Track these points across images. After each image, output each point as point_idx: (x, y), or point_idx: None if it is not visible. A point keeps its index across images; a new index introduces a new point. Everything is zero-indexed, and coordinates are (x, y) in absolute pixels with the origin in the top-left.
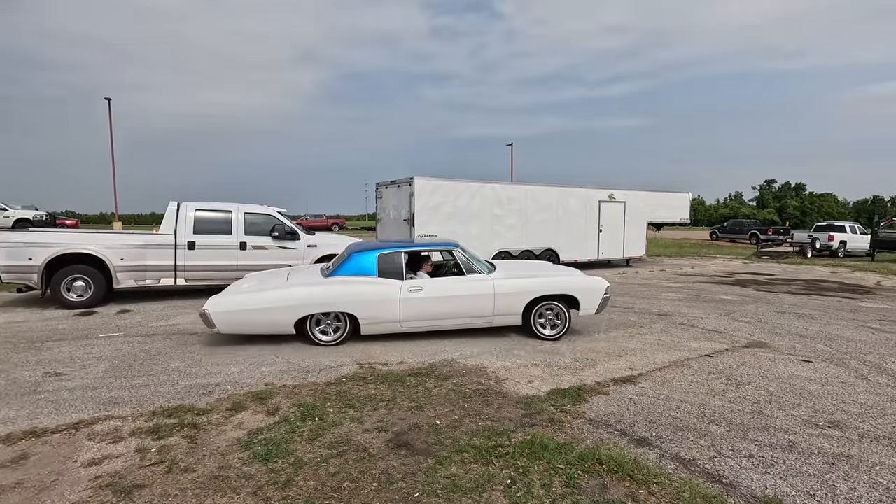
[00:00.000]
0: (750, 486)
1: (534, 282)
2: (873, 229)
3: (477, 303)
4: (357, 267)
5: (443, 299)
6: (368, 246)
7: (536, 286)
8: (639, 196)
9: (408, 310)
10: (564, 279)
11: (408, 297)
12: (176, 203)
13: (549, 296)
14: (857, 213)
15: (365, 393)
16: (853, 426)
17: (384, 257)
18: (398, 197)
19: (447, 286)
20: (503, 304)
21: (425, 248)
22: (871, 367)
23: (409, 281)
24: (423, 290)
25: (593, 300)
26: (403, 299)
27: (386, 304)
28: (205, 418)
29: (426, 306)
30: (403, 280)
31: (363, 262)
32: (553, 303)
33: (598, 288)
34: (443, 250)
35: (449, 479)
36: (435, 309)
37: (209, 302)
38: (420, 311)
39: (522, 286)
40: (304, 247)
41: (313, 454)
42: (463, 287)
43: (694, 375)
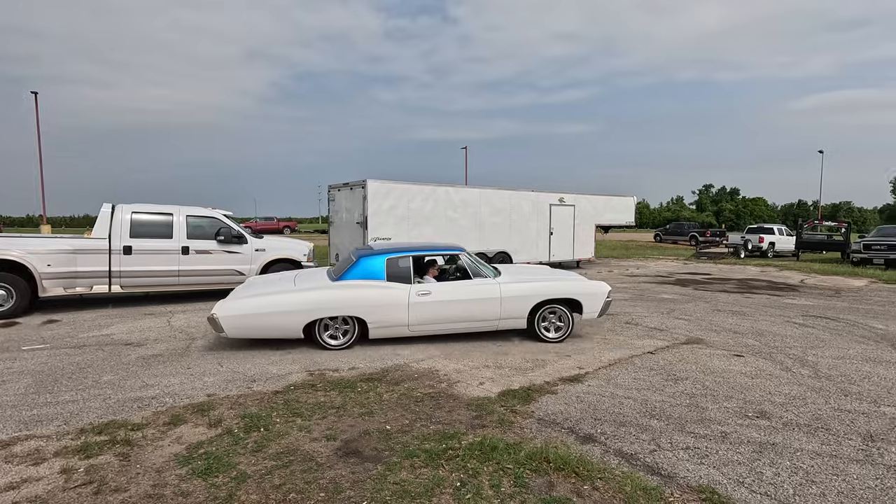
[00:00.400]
0: (686, 477)
1: (539, 286)
2: (798, 231)
3: (484, 307)
4: (366, 271)
5: (451, 303)
6: (376, 250)
7: (542, 290)
8: (587, 199)
9: (416, 314)
10: (568, 283)
11: (416, 300)
12: (110, 205)
13: (554, 300)
14: (784, 217)
15: (314, 401)
16: (778, 415)
17: (392, 261)
18: (351, 200)
19: (455, 290)
20: (509, 307)
21: (433, 253)
22: (794, 360)
23: (417, 285)
24: (431, 293)
25: (596, 304)
26: (412, 303)
27: (395, 307)
28: (139, 434)
29: (434, 310)
30: (412, 284)
31: (372, 266)
32: (556, 306)
33: (600, 292)
34: (450, 254)
35: (398, 485)
36: (443, 313)
37: (217, 306)
38: (428, 315)
39: (528, 290)
40: (251, 251)
41: (257, 466)
42: (470, 291)
43: (637, 372)
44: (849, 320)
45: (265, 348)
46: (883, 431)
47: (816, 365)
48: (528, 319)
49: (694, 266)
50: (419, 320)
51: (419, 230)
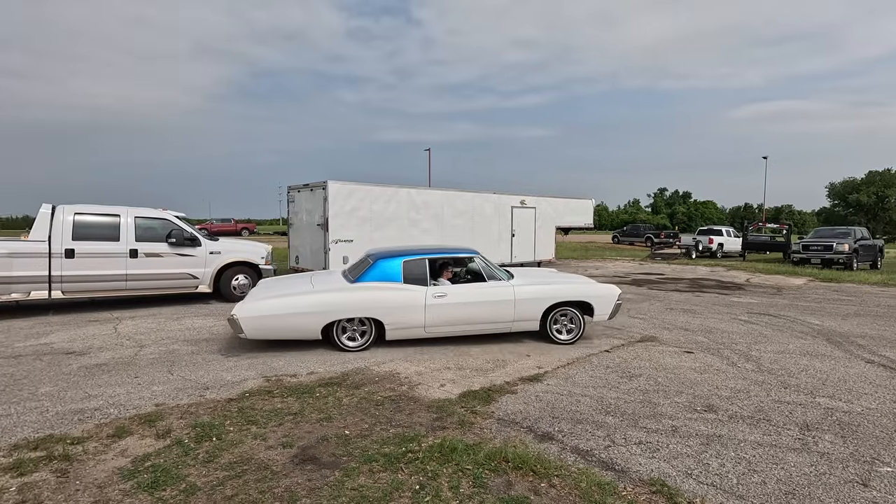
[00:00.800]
0: (638, 471)
1: (552, 288)
2: (744, 233)
3: (499, 309)
4: (382, 273)
5: (466, 305)
6: (392, 252)
7: (555, 293)
8: (548, 202)
9: (433, 315)
10: (580, 286)
11: (433, 302)
12: (50, 206)
13: (566, 302)
14: (732, 219)
15: (270, 407)
16: (724, 408)
17: (409, 264)
18: (312, 201)
19: (471, 292)
20: (523, 309)
21: (448, 255)
22: (739, 355)
23: (433, 287)
24: (447, 296)
25: (607, 306)
26: (428, 305)
27: (411, 309)
28: (80, 448)
29: (450, 312)
30: (428, 286)
31: (388, 269)
32: (568, 309)
33: (611, 295)
34: (465, 257)
35: (356, 491)
36: (459, 314)
37: (237, 307)
38: (444, 317)
39: (542, 293)
40: (205, 254)
41: (208, 478)
42: (485, 293)
43: (594, 370)
44: (789, 317)
45: (220, 354)
46: (818, 421)
47: (759, 359)
48: (541, 321)
49: (649, 266)
50: (435, 322)
51: (382, 232)
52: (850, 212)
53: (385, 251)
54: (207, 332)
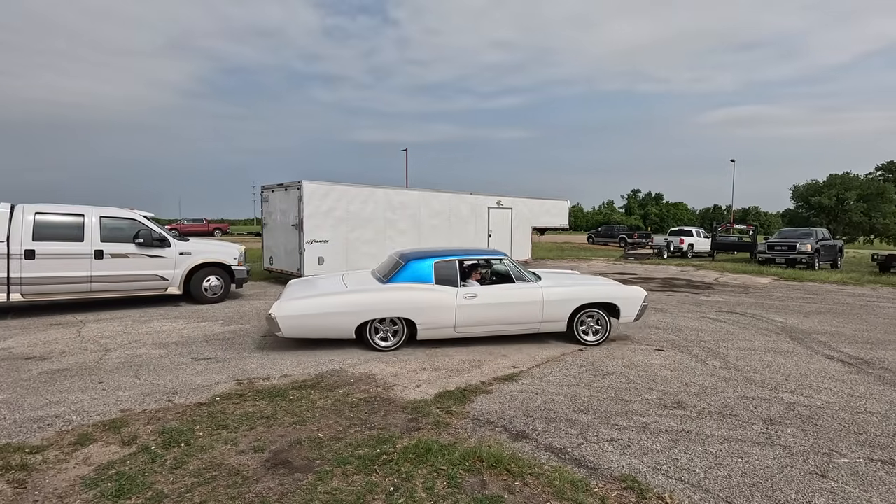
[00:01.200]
0: (610, 468)
1: (580, 290)
2: (713, 234)
3: (527, 310)
4: (414, 274)
5: (496, 306)
6: (423, 253)
7: (582, 294)
8: (524, 203)
9: (463, 316)
10: (607, 288)
11: (463, 303)
12: (8, 205)
13: (593, 304)
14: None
15: (242, 411)
16: (693, 405)
17: (440, 265)
18: (286, 201)
19: (500, 293)
20: (551, 311)
21: (477, 257)
22: (708, 353)
23: (464, 288)
24: (477, 296)
25: (633, 308)
26: (459, 305)
27: (443, 310)
28: (39, 457)
29: (481, 313)
30: (458, 287)
31: (420, 270)
32: (595, 310)
33: (637, 297)
34: (494, 258)
35: (329, 494)
36: (489, 315)
37: (275, 306)
38: (475, 318)
39: (569, 294)
40: (175, 254)
41: (176, 485)
42: (515, 295)
43: (568, 369)
44: (755, 315)
45: (189, 358)
46: (780, 415)
47: (727, 356)
48: (568, 322)
49: (623, 266)
50: (466, 322)
51: (358, 232)
52: (812, 213)
53: (416, 252)
54: (177, 335)
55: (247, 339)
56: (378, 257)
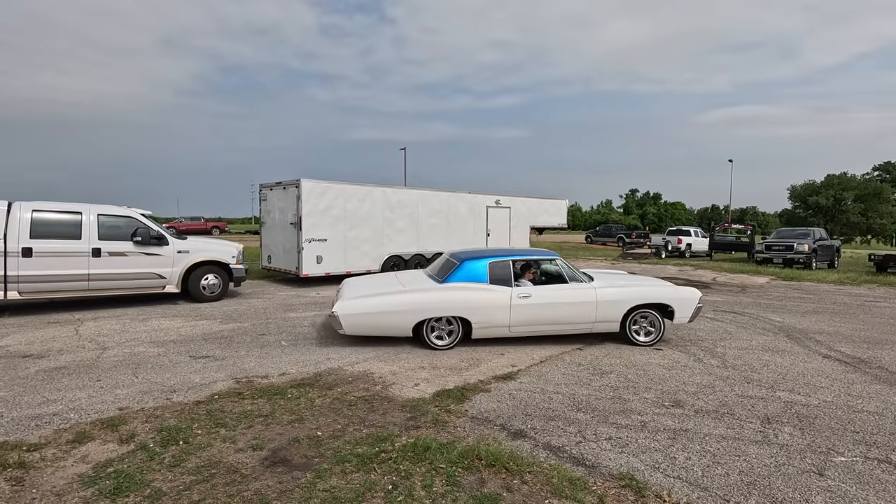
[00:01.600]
0: (608, 466)
1: (633, 291)
2: (710, 234)
3: (580, 310)
4: (469, 274)
5: (549, 306)
6: (478, 254)
7: (636, 295)
8: (523, 202)
9: (517, 315)
10: (661, 289)
11: (517, 303)
12: (6, 202)
13: (646, 305)
14: (700, 220)
15: (240, 409)
16: (691, 403)
17: (494, 265)
18: (285, 200)
19: (554, 293)
20: (604, 311)
21: (530, 257)
22: (705, 352)
23: (518, 287)
24: (531, 296)
25: (687, 309)
26: (514, 305)
27: (497, 309)
28: (37, 455)
29: (534, 312)
30: (512, 287)
31: (475, 270)
32: (648, 311)
33: (692, 298)
34: (547, 259)
35: (328, 492)
36: (542, 315)
37: (337, 305)
38: (528, 317)
39: (623, 295)
40: (173, 253)
41: (174, 482)
42: (568, 295)
43: (566, 368)
44: (752, 314)
45: (188, 356)
46: (778, 414)
47: (724, 356)
48: (621, 323)
49: (620, 266)
50: (520, 322)
51: (356, 231)
52: (809, 213)
53: (470, 253)
54: (175, 334)
55: (245, 338)
56: (376, 256)
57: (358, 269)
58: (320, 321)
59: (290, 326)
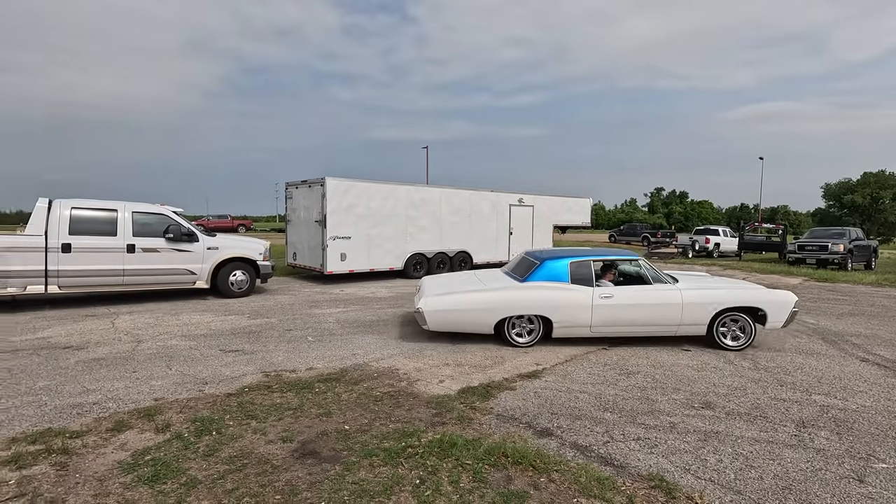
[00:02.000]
0: (637, 466)
1: (722, 293)
2: (740, 233)
3: (665, 312)
4: (550, 273)
5: (632, 307)
6: (558, 253)
7: (725, 298)
8: (545, 200)
9: (599, 315)
10: (753, 292)
11: (599, 303)
12: (47, 200)
13: (736, 308)
14: (728, 219)
15: (269, 402)
16: (721, 405)
17: (576, 265)
18: (309, 198)
19: (637, 294)
20: (690, 314)
21: (611, 258)
22: (736, 354)
23: (599, 288)
24: (613, 297)
25: (781, 314)
26: (595, 305)
27: (578, 309)
28: (79, 441)
29: (617, 313)
30: (594, 287)
31: (556, 269)
32: (738, 315)
33: (786, 302)
34: (629, 259)
35: (357, 485)
36: (624, 316)
37: (422, 301)
38: (610, 318)
39: (711, 297)
40: (203, 249)
41: (209, 471)
42: (652, 296)
43: (592, 367)
44: None
45: (218, 350)
46: (813, 418)
47: (755, 358)
48: (708, 327)
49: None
50: (601, 322)
51: (379, 229)
52: (844, 213)
53: (549, 252)
54: (205, 328)
55: (272, 333)
56: (399, 254)
57: (381, 267)
58: (345, 317)
59: (315, 322)
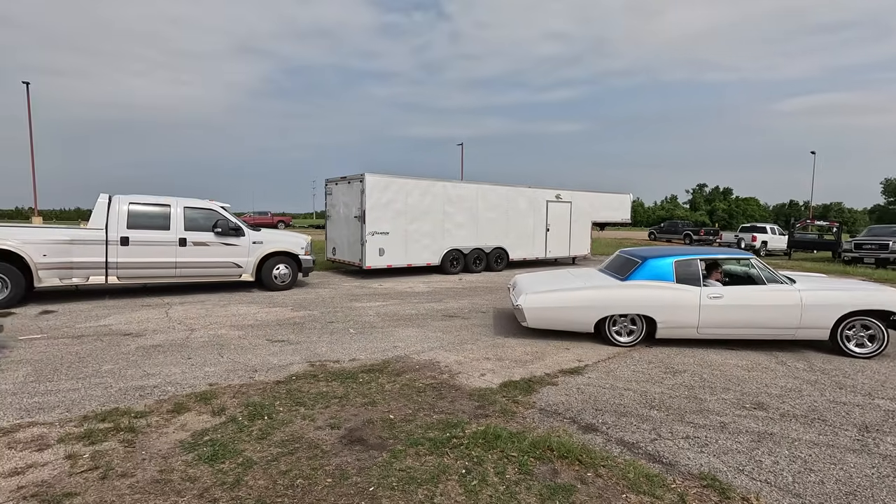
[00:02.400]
0: (687, 465)
1: (849, 295)
2: (790, 231)
3: (781, 314)
4: (653, 272)
5: (745, 308)
6: (660, 252)
7: (851, 300)
8: (584, 197)
9: (708, 316)
10: (883, 294)
11: (707, 303)
12: (107, 196)
13: (865, 311)
14: (776, 216)
15: (316, 390)
16: (775, 407)
17: (681, 264)
18: (349, 194)
19: (750, 295)
20: (811, 317)
21: (720, 256)
22: (789, 354)
23: (708, 288)
24: (723, 297)
25: None
26: (703, 305)
27: (685, 309)
28: (143, 421)
29: (727, 314)
30: (701, 287)
31: (660, 268)
32: (869, 319)
33: None
34: (739, 258)
35: (404, 472)
36: (735, 317)
37: (522, 298)
38: (719, 319)
39: (835, 299)
40: (248, 243)
41: (263, 453)
42: (767, 297)
43: (636, 365)
44: None
45: (265, 339)
46: (878, 423)
47: (810, 359)
48: (832, 331)
49: None
50: (709, 323)
51: (416, 225)
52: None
53: (650, 251)
54: (252, 319)
55: (315, 325)
56: (436, 250)
57: (418, 263)
58: (385, 311)
59: (356, 315)
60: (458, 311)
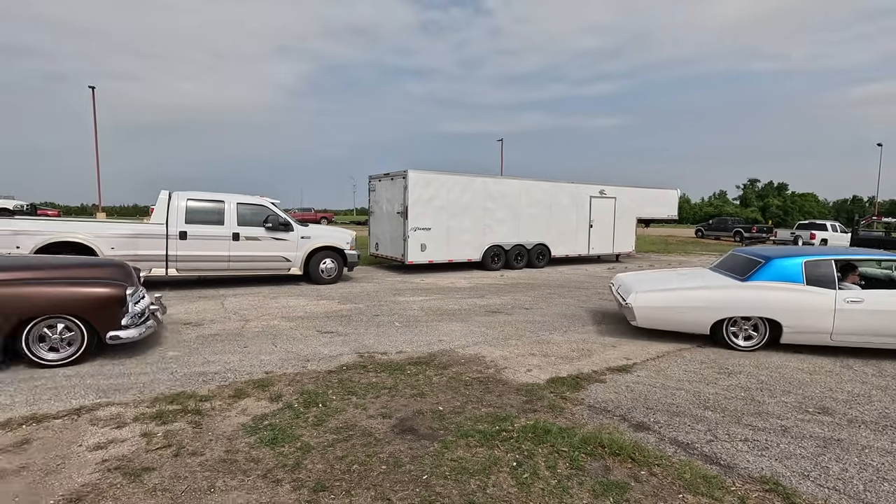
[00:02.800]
0: (747, 468)
1: None
2: (854, 228)
3: None
4: (779, 273)
5: (891, 314)
6: (787, 252)
7: None
8: (629, 192)
9: (844, 322)
10: None
11: (844, 307)
12: (167, 192)
13: None
14: (836, 213)
15: (366, 381)
16: (842, 412)
17: (812, 264)
18: (391, 190)
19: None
20: None
21: (859, 257)
22: (856, 358)
23: (843, 291)
24: (864, 301)
25: None
26: (839, 310)
27: (817, 313)
28: (208, 404)
29: (868, 320)
30: (836, 290)
31: (787, 269)
32: None
33: None
34: (882, 260)
35: (456, 462)
36: (878, 324)
37: (632, 297)
38: (859, 326)
39: None
40: (297, 238)
41: (319, 439)
42: None
43: (687, 364)
44: None
45: (315, 331)
46: None
47: (880, 364)
48: None
49: None
50: (846, 330)
51: (457, 220)
52: None
53: (774, 250)
54: (301, 311)
55: (362, 318)
56: (477, 245)
57: (460, 258)
58: (428, 305)
59: (400, 309)
60: (500, 307)
